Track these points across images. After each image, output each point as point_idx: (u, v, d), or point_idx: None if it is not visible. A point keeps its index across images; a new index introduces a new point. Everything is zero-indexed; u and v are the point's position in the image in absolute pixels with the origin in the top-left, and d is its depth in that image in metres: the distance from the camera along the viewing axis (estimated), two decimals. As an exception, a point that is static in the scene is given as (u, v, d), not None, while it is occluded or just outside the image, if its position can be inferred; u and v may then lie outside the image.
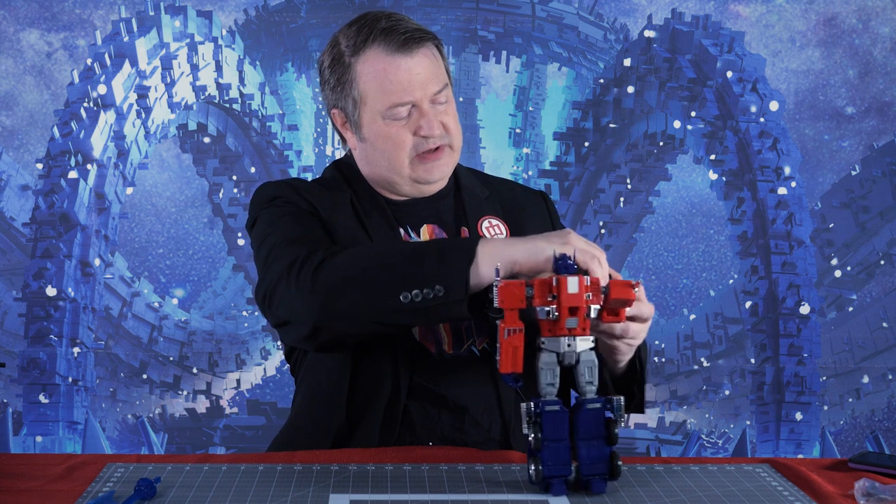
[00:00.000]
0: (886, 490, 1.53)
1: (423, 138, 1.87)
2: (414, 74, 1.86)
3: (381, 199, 1.95)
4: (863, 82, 6.19)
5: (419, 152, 1.88)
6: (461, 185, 2.01)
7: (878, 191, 6.10)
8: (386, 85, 1.86)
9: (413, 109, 1.87)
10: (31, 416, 5.37)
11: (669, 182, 6.62)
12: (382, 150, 1.90)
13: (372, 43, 1.87)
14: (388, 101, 1.86)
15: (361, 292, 1.66)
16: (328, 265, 1.69)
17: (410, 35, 1.86)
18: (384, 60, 1.86)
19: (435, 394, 1.84)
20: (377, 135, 1.89)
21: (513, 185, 2.13)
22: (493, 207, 1.99)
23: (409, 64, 1.86)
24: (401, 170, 1.90)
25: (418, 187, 1.93)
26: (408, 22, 1.90)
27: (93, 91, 5.61)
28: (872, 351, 6.10)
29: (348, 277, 1.67)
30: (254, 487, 1.57)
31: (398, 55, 1.86)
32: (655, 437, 6.10)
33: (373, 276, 1.66)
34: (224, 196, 6.49)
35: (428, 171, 1.90)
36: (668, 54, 6.07)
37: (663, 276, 6.82)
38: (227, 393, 6.30)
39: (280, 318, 1.74)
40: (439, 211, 1.96)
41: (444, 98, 1.89)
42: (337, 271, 1.68)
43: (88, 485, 1.58)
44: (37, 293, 5.45)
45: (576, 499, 1.55)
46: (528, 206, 2.04)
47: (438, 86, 1.88)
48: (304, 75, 6.90)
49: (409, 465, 1.69)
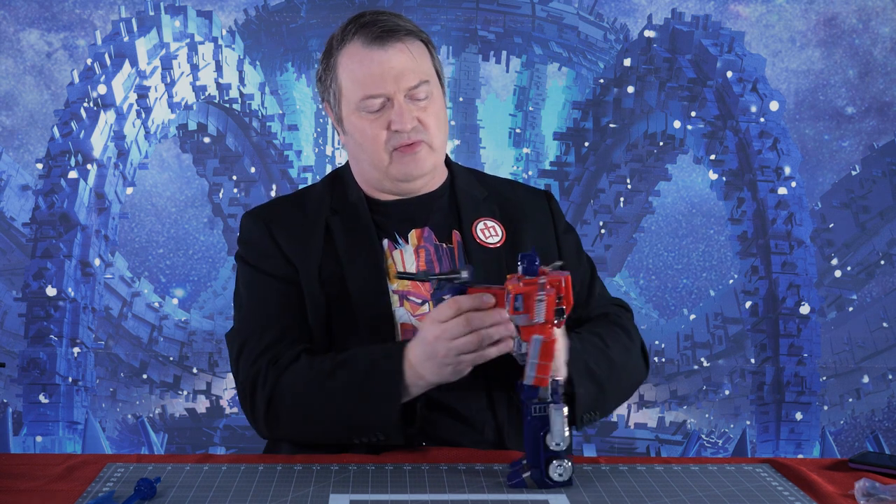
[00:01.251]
0: (886, 490, 1.53)
1: (395, 132, 1.86)
2: (387, 67, 1.84)
3: (366, 209, 1.94)
4: (863, 82, 6.19)
5: (395, 147, 1.88)
6: (456, 185, 1.99)
7: (878, 191, 6.10)
8: (359, 76, 1.86)
9: (387, 103, 1.86)
10: (31, 416, 5.37)
11: (669, 182, 6.61)
12: (361, 144, 1.90)
13: (353, 36, 1.88)
14: (360, 93, 1.86)
15: (315, 432, 1.81)
16: (276, 403, 1.80)
17: (388, 28, 1.86)
18: (360, 52, 1.86)
19: (427, 397, 1.83)
20: (354, 128, 1.90)
21: (516, 185, 2.09)
22: (490, 209, 1.97)
23: (382, 56, 1.85)
24: (380, 164, 1.89)
25: (400, 185, 1.92)
26: (395, 19, 1.89)
27: (93, 91, 5.61)
28: (872, 351, 6.10)
29: (296, 422, 1.81)
30: (254, 487, 1.57)
31: (373, 47, 1.86)
32: (655, 437, 6.10)
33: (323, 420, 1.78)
34: (224, 196, 6.49)
35: (404, 166, 1.88)
36: (668, 54, 6.07)
37: (663, 276, 6.82)
38: (227, 393, 6.29)
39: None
40: (432, 212, 1.95)
41: (424, 94, 1.87)
42: (285, 415, 1.81)
43: (88, 485, 1.58)
44: (37, 293, 5.44)
45: (576, 498, 1.55)
46: (529, 207, 2.01)
47: (415, 80, 1.85)
48: (304, 75, 6.90)
49: (409, 465, 1.69)
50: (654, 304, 6.85)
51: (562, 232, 2.03)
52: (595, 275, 2.04)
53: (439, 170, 1.98)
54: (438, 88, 1.92)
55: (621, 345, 1.88)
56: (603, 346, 1.83)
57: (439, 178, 1.98)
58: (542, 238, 1.97)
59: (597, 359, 1.80)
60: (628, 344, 1.91)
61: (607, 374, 1.80)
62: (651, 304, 6.87)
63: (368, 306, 1.85)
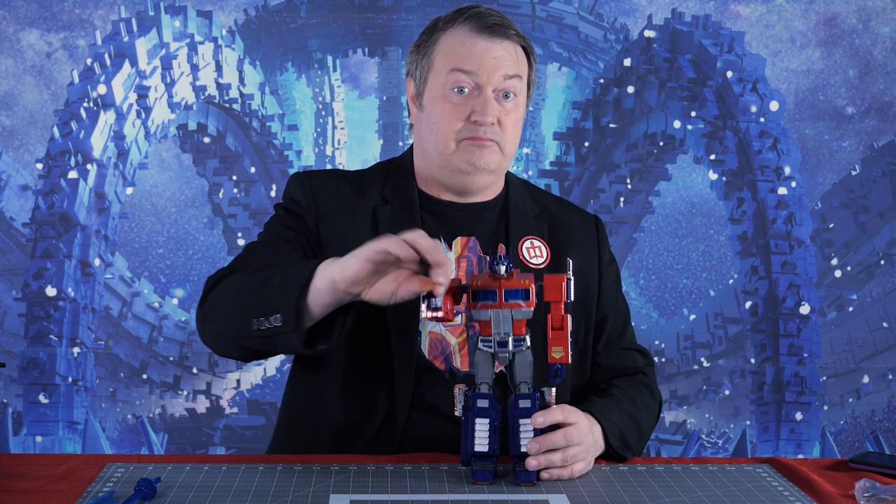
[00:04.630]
0: (887, 490, 1.53)
1: (473, 123, 1.84)
2: (489, 55, 1.83)
3: (418, 207, 1.92)
4: (863, 82, 6.19)
5: (466, 137, 1.86)
6: (510, 199, 1.97)
7: (878, 191, 6.10)
8: (457, 53, 1.84)
9: (475, 91, 1.85)
10: (31, 416, 5.37)
11: (669, 182, 6.61)
12: (434, 125, 1.86)
13: (463, 22, 1.87)
14: (452, 64, 1.83)
15: (226, 318, 1.72)
16: (215, 289, 1.75)
17: (500, 24, 1.86)
18: (465, 35, 1.86)
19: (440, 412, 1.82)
20: (433, 107, 1.86)
21: (568, 206, 2.06)
22: (539, 227, 1.94)
23: (486, 45, 1.84)
24: (445, 150, 1.86)
25: (459, 177, 1.88)
26: (507, 20, 1.89)
27: (93, 91, 5.61)
28: (872, 351, 6.10)
29: (219, 303, 1.74)
30: (254, 487, 1.57)
31: (480, 35, 1.85)
32: (655, 437, 6.09)
33: (235, 303, 1.70)
34: (224, 196, 6.49)
35: (470, 155, 1.84)
36: (668, 54, 6.07)
37: (663, 276, 6.82)
38: (227, 393, 6.29)
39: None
40: (482, 222, 1.92)
41: (513, 93, 1.85)
42: (215, 296, 1.75)
43: (88, 485, 1.58)
44: (37, 293, 5.44)
45: (576, 498, 1.55)
46: (578, 232, 1.99)
47: (511, 71, 1.84)
48: (304, 75, 6.90)
49: (409, 465, 1.68)
50: (654, 304, 6.85)
51: (605, 263, 2.02)
52: (629, 318, 2.05)
53: (499, 179, 1.96)
54: (525, 97, 1.90)
55: (649, 410, 1.92)
56: (635, 419, 1.85)
57: (496, 188, 1.96)
58: (586, 266, 1.96)
59: (630, 429, 1.82)
60: (652, 406, 1.94)
61: (636, 443, 1.84)
62: (651, 304, 6.86)
63: (397, 308, 1.81)
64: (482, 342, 1.60)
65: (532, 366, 1.61)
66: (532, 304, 1.58)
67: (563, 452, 1.61)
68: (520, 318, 1.58)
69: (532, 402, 1.61)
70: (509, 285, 1.57)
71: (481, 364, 1.62)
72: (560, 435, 1.61)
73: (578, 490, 1.58)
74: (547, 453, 1.60)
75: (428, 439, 1.82)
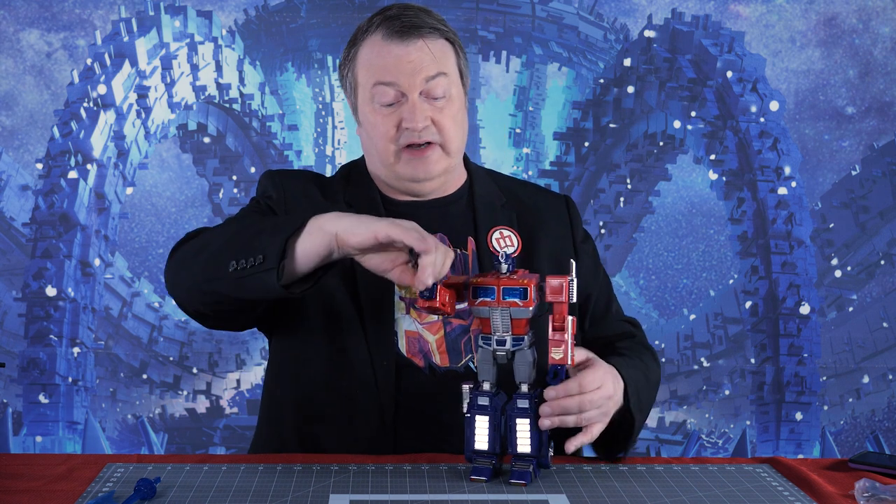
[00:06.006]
0: (887, 490, 1.53)
1: (405, 130, 1.83)
2: (404, 61, 1.81)
3: (381, 205, 1.92)
4: (863, 82, 6.18)
5: (404, 145, 1.85)
6: (475, 191, 1.97)
7: (878, 191, 6.10)
8: (374, 66, 1.84)
9: (402, 98, 1.84)
10: (31, 416, 5.37)
11: (669, 182, 6.61)
12: (372, 138, 1.87)
13: (376, 28, 1.86)
14: (372, 79, 1.83)
15: (200, 260, 1.67)
16: (193, 240, 1.73)
17: (411, 24, 1.84)
18: (379, 44, 1.85)
19: (421, 410, 1.82)
20: (367, 120, 1.87)
21: (535, 189, 2.05)
22: (508, 216, 1.93)
23: (400, 50, 1.83)
24: (387, 161, 1.86)
25: (409, 185, 1.89)
26: (422, 14, 1.86)
27: (93, 91, 5.61)
28: (872, 351, 6.10)
29: (196, 249, 1.70)
30: (254, 487, 1.57)
31: (393, 41, 1.84)
32: (655, 437, 6.09)
33: (215, 247, 1.66)
34: (224, 196, 6.49)
35: (413, 168, 1.85)
36: (668, 54, 6.07)
37: (663, 276, 6.81)
38: (227, 393, 6.29)
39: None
40: (447, 217, 1.92)
41: (441, 92, 1.83)
42: (193, 243, 1.72)
43: (88, 485, 1.58)
44: (37, 293, 5.44)
45: (576, 498, 1.55)
46: (548, 214, 1.98)
47: (433, 71, 1.82)
48: (304, 75, 6.89)
49: (409, 465, 1.68)
50: (654, 304, 6.84)
51: (580, 241, 2.01)
52: (612, 291, 2.04)
53: (455, 174, 1.95)
54: (459, 89, 1.88)
55: (655, 374, 1.92)
56: (647, 377, 1.85)
57: (456, 181, 1.95)
58: (559, 247, 1.95)
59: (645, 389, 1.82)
60: (656, 369, 1.94)
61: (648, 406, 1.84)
62: (651, 304, 6.86)
63: (372, 310, 1.83)
64: (482, 340, 1.61)
65: (532, 366, 1.61)
66: (531, 304, 1.58)
67: (577, 417, 1.62)
68: (518, 317, 1.58)
69: (530, 403, 1.61)
70: (507, 283, 1.57)
71: (482, 362, 1.62)
72: (575, 402, 1.61)
73: (578, 490, 1.58)
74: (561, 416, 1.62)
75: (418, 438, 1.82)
